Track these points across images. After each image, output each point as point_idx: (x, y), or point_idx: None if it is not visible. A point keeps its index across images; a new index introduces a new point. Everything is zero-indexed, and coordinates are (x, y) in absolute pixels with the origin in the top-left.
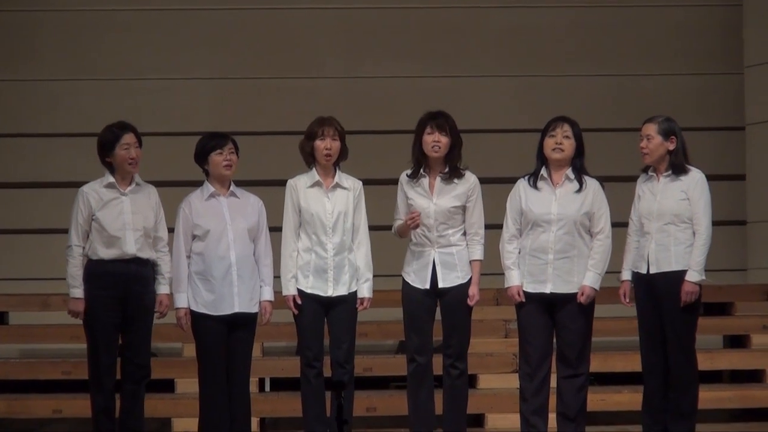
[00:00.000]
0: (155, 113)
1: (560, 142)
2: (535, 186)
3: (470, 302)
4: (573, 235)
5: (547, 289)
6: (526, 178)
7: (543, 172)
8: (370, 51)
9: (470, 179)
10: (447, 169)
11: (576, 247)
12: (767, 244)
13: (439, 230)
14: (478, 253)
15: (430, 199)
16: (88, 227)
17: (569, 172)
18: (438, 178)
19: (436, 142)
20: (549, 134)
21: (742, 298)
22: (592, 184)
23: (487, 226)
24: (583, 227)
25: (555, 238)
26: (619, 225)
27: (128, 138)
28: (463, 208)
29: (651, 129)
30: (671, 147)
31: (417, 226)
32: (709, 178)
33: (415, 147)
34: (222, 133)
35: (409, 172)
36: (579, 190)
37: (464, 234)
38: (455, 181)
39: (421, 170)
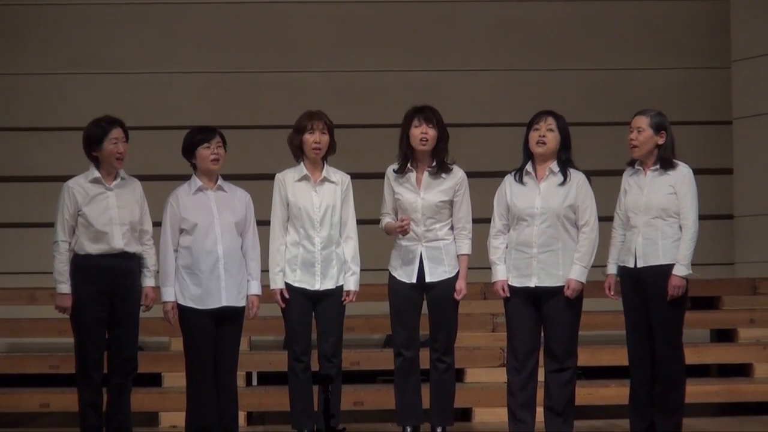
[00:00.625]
0: (143, 107)
1: (544, 135)
2: (520, 181)
3: (457, 296)
4: (557, 228)
5: (532, 282)
6: (513, 173)
7: (528, 166)
8: (359, 45)
9: (458, 174)
10: (434, 164)
11: (560, 240)
12: (754, 238)
13: (426, 224)
14: (465, 247)
15: (417, 193)
16: (74, 222)
17: (553, 165)
18: (425, 173)
19: (423, 134)
20: (533, 128)
21: (729, 292)
22: (576, 177)
23: (475, 220)
24: (567, 220)
25: (538, 231)
26: (607, 219)
27: (116, 133)
28: (451, 203)
29: (642, 122)
30: (660, 141)
31: (406, 232)
32: (697, 172)
33: (402, 141)
34: (209, 126)
35: (395, 166)
36: (563, 183)
37: (451, 228)
38: (443, 175)
39: (408, 165)
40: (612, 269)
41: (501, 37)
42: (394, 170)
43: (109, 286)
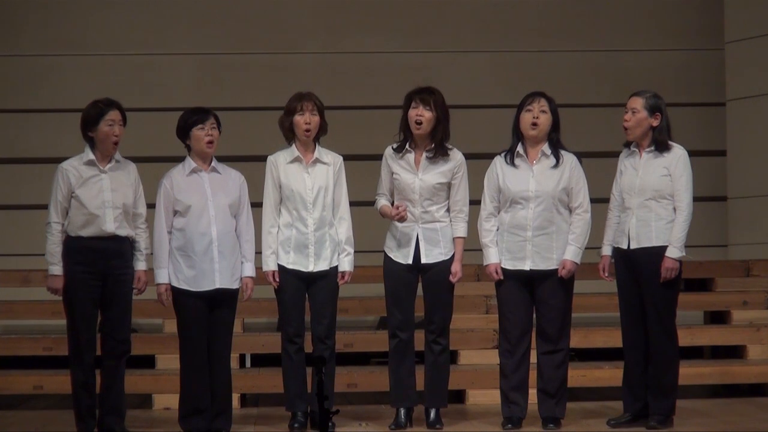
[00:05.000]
0: (137, 89)
1: (537, 117)
2: (512, 163)
3: (453, 279)
4: (551, 211)
5: (527, 266)
6: (503, 154)
7: (519, 148)
8: (351, 26)
9: (456, 156)
10: (433, 146)
11: (554, 224)
12: (748, 220)
13: (424, 206)
14: (461, 230)
15: (415, 174)
16: (67, 204)
17: (545, 147)
18: (423, 154)
19: (418, 116)
20: (525, 109)
21: (722, 274)
22: (569, 159)
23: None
24: (561, 203)
25: (533, 214)
26: (600, 201)
27: (113, 115)
28: (448, 185)
29: (637, 103)
30: (655, 123)
31: (403, 219)
32: (690, 153)
33: (402, 121)
34: (204, 108)
35: (395, 145)
36: (556, 166)
37: (448, 211)
38: (441, 157)
39: (408, 145)
40: (607, 251)
41: (493, 18)
42: (393, 148)
43: (101, 267)
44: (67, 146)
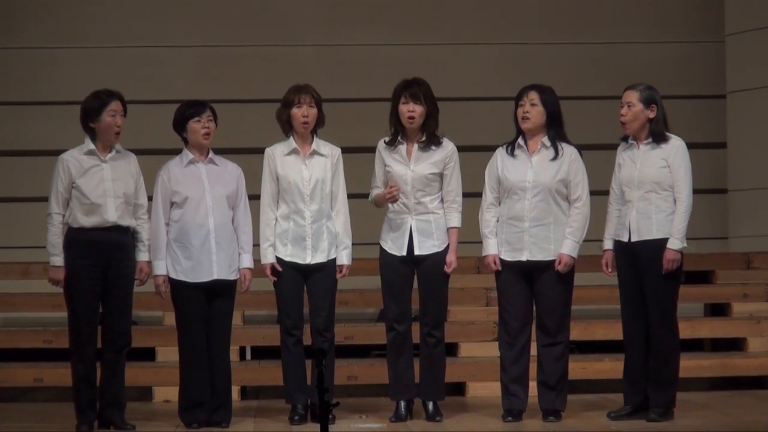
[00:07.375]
0: (136, 81)
1: (527, 111)
2: (512, 154)
3: (448, 269)
4: (548, 202)
5: (524, 257)
6: (504, 146)
7: (520, 140)
8: (350, 19)
9: (448, 146)
10: (424, 137)
11: (552, 215)
12: (748, 212)
13: (417, 197)
14: (455, 220)
15: (407, 165)
16: (68, 195)
17: (545, 139)
18: (415, 146)
19: (410, 111)
20: (518, 104)
21: (723, 266)
22: (569, 151)
23: (468, 194)
24: (559, 195)
25: (530, 205)
26: (599, 193)
27: (115, 105)
28: (441, 176)
29: (632, 96)
30: (651, 115)
31: (395, 199)
32: (690, 146)
33: (392, 115)
34: (200, 100)
35: (387, 139)
36: (555, 158)
37: (441, 201)
38: (433, 148)
39: (399, 138)
40: (608, 244)
41: (492, 10)
42: (385, 142)
43: (102, 260)
44: (67, 139)
